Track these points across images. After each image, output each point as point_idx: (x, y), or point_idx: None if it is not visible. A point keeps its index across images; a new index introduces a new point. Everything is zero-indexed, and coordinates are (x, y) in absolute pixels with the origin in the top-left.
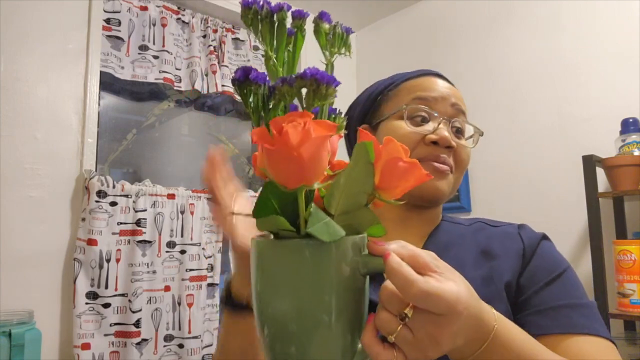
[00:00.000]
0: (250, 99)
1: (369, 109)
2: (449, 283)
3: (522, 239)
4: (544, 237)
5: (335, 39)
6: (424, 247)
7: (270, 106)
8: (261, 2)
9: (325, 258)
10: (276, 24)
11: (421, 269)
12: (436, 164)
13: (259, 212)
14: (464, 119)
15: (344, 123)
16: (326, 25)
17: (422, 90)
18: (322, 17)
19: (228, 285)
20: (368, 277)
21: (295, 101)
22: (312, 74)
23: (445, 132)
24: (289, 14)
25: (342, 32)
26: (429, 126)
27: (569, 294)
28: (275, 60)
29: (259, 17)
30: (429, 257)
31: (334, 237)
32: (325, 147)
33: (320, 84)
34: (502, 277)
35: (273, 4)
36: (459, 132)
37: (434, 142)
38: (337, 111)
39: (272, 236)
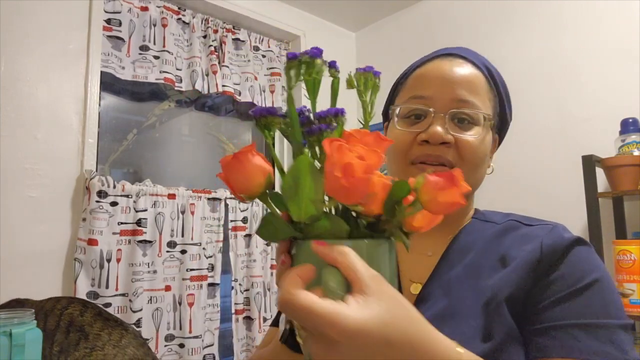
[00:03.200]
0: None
1: (390, 101)
2: (361, 310)
3: (541, 248)
4: (577, 242)
5: (369, 85)
6: (446, 253)
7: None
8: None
9: None
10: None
11: (352, 284)
12: (428, 167)
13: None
14: (471, 108)
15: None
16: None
17: (419, 88)
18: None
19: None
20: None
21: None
22: (305, 53)
23: (437, 127)
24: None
25: (374, 78)
26: (423, 124)
27: (587, 312)
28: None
29: (301, 63)
30: (365, 273)
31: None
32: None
33: (312, 57)
34: (504, 290)
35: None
36: (464, 123)
37: (426, 141)
38: (342, 112)
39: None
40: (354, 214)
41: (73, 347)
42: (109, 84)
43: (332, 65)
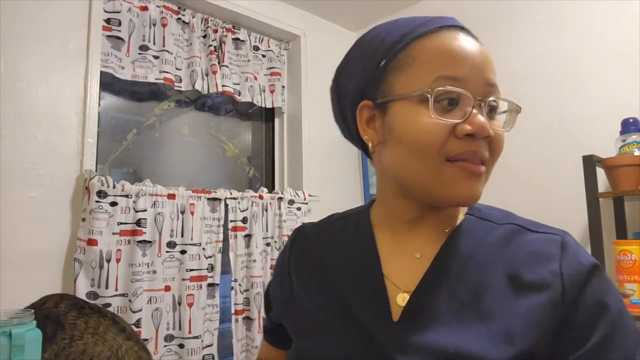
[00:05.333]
0: None
1: (370, 78)
2: None
3: (562, 279)
4: (595, 268)
5: None
6: (439, 257)
7: None
8: None
9: None
10: None
11: None
12: (472, 167)
13: None
14: (497, 94)
15: None
16: None
17: (448, 66)
18: None
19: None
20: None
21: None
22: None
23: (481, 118)
24: None
25: None
26: (458, 112)
27: (623, 353)
28: None
29: None
30: None
31: None
32: None
33: None
34: (530, 332)
35: None
36: (492, 112)
37: (469, 134)
38: None
39: None
40: None
41: (50, 340)
42: (109, 83)
43: None
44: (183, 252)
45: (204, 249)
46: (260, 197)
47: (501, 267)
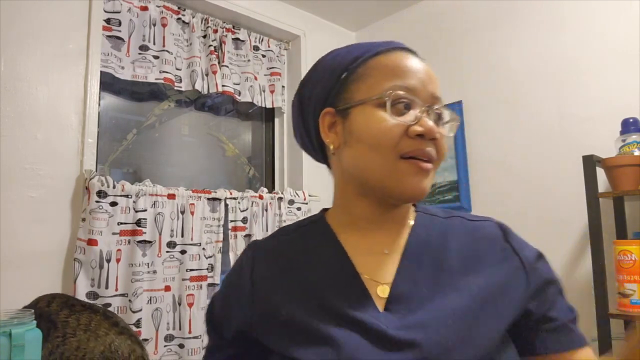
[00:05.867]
0: None
1: (332, 89)
2: None
3: (513, 250)
4: (540, 252)
5: None
6: (408, 248)
7: None
8: None
9: None
10: None
11: None
12: (422, 164)
13: None
14: (441, 104)
15: None
16: None
17: (401, 78)
18: None
19: None
20: None
21: None
22: None
23: (430, 122)
24: None
25: None
26: (410, 115)
27: (568, 308)
28: None
29: None
30: None
31: None
32: None
33: None
34: (510, 297)
35: None
36: (438, 121)
37: (419, 135)
38: None
39: None
40: None
41: (44, 339)
42: (109, 83)
43: None
44: (183, 252)
45: (204, 249)
46: (260, 197)
47: (462, 251)
